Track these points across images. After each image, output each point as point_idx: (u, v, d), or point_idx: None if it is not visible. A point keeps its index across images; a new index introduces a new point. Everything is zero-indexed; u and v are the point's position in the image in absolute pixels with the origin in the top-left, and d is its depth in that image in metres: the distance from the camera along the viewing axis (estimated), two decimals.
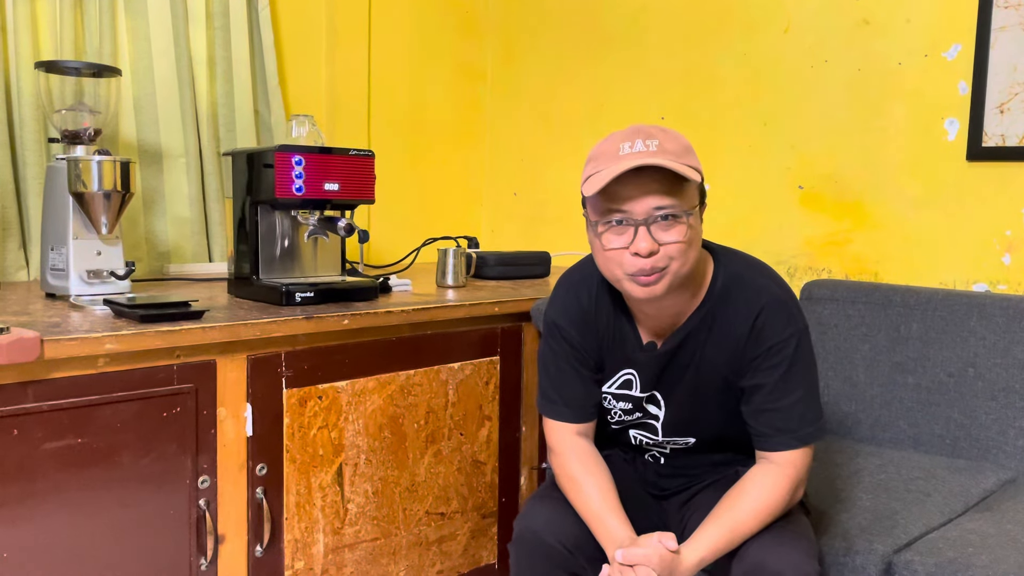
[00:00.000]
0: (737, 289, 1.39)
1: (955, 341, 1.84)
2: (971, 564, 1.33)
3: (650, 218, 1.27)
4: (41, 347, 1.29)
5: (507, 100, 2.95)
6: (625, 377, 1.47)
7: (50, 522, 1.36)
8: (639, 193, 1.27)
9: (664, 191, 1.27)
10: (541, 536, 1.40)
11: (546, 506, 1.45)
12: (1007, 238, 1.95)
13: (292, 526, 1.63)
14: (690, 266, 1.32)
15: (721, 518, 1.34)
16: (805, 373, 1.37)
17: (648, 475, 1.56)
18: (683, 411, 1.46)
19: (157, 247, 2.19)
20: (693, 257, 1.32)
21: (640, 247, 1.27)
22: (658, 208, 1.27)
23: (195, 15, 2.22)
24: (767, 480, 1.36)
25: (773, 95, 2.30)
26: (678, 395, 1.45)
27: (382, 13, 2.67)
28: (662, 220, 1.27)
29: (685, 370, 1.42)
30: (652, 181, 1.26)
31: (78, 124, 1.79)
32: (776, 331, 1.36)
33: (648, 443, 1.52)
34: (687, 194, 1.30)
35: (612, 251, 1.31)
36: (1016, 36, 1.91)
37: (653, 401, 1.47)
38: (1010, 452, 1.76)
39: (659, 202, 1.27)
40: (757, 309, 1.36)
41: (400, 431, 1.79)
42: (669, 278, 1.30)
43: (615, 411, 1.50)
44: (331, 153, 1.76)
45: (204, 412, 1.50)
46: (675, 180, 1.27)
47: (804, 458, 1.37)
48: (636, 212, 1.27)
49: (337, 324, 1.64)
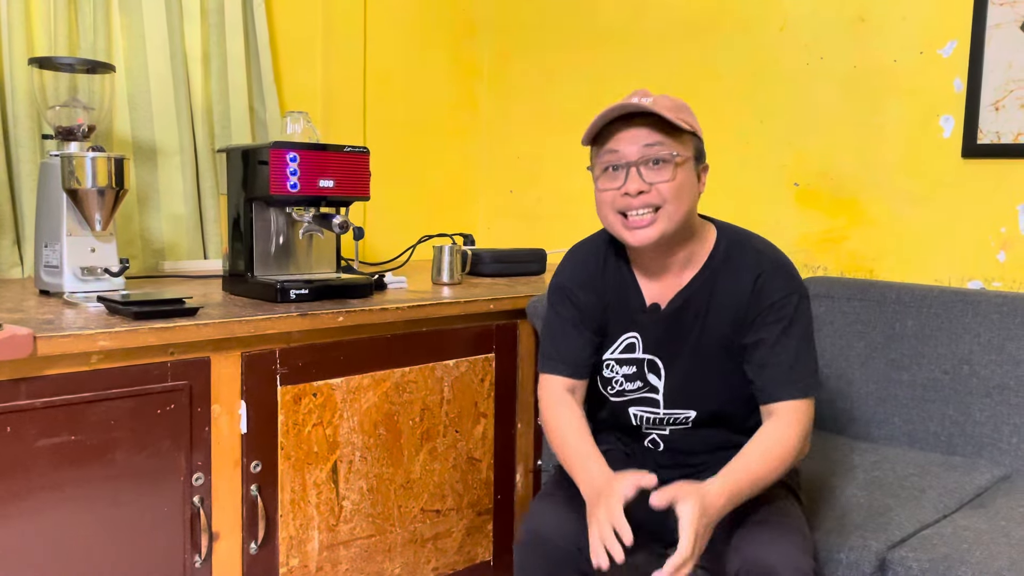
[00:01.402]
0: (739, 253, 1.45)
1: (950, 338, 1.84)
2: (965, 560, 1.34)
3: (640, 159, 1.36)
4: (34, 344, 1.28)
5: (503, 97, 2.94)
6: (628, 341, 1.50)
7: (44, 519, 1.35)
8: (630, 137, 1.36)
9: (655, 137, 1.35)
10: (549, 537, 1.39)
11: (552, 506, 1.44)
12: (1002, 235, 1.96)
13: (287, 523, 1.63)
14: (683, 214, 1.38)
15: (736, 463, 1.36)
16: (804, 330, 1.42)
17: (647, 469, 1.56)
18: (684, 379, 1.48)
19: (151, 244, 2.19)
20: (686, 204, 1.38)
21: (630, 187, 1.36)
22: (647, 145, 1.35)
23: (190, 11, 2.21)
24: (776, 431, 1.39)
25: (769, 92, 2.30)
26: (680, 361, 1.47)
27: (378, 9, 2.66)
28: (653, 164, 1.35)
29: (688, 332, 1.46)
30: (643, 127, 1.36)
31: (72, 120, 1.79)
32: (777, 290, 1.41)
33: (648, 422, 1.53)
34: (679, 144, 1.37)
35: (607, 192, 1.39)
36: (1011, 33, 1.91)
37: (654, 370, 1.49)
38: (1004, 449, 1.76)
39: (649, 140, 1.35)
40: (758, 271, 1.42)
41: (395, 428, 1.78)
42: (662, 223, 1.37)
43: (617, 379, 1.51)
44: (326, 150, 1.76)
45: (198, 409, 1.50)
46: (667, 129, 1.35)
47: (808, 409, 1.41)
48: (628, 154, 1.36)
49: (332, 321, 1.64)
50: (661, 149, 1.35)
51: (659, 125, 1.36)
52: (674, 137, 1.37)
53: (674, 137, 1.37)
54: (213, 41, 2.25)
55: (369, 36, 2.65)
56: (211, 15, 2.23)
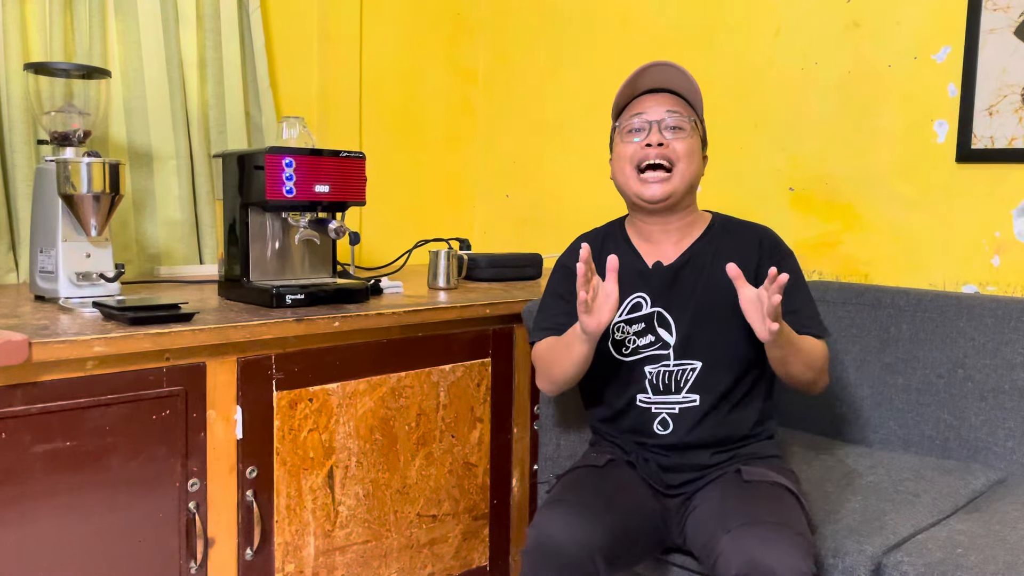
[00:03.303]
0: (735, 225, 1.66)
1: (945, 342, 1.84)
2: (960, 565, 1.34)
3: (663, 121, 1.56)
4: (29, 350, 1.28)
5: (499, 101, 2.95)
6: (635, 301, 1.61)
7: (39, 526, 1.35)
8: (656, 101, 1.58)
9: (676, 105, 1.58)
10: (560, 543, 1.38)
11: (561, 512, 1.43)
12: (996, 239, 1.96)
13: (283, 529, 1.63)
14: (691, 176, 1.57)
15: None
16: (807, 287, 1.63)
17: (651, 470, 1.58)
18: (690, 328, 1.57)
19: (147, 249, 2.19)
20: (694, 169, 1.58)
21: (652, 139, 1.55)
22: (670, 111, 1.57)
23: (185, 17, 2.21)
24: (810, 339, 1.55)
25: (763, 97, 2.31)
26: (686, 313, 1.58)
27: (373, 14, 2.67)
28: (671, 129, 1.56)
29: (693, 284, 1.59)
30: (666, 98, 1.59)
31: (67, 126, 1.79)
32: (782, 247, 1.63)
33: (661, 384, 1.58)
34: (696, 119, 1.60)
35: (628, 146, 1.58)
36: (1005, 39, 1.92)
37: (664, 324, 1.59)
38: (999, 453, 1.77)
39: (671, 107, 1.57)
40: (760, 234, 1.63)
41: (391, 433, 1.78)
42: (675, 180, 1.56)
43: (629, 338, 1.60)
44: (322, 155, 1.76)
45: (194, 415, 1.50)
46: (684, 103, 1.59)
47: (827, 350, 1.58)
48: (652, 115, 1.57)
49: (328, 326, 1.64)
50: (680, 117, 1.57)
51: (677, 99, 1.58)
52: (689, 111, 1.59)
53: (689, 111, 1.59)
54: (209, 46, 2.25)
55: (365, 41, 2.66)
56: (207, 20, 2.24)
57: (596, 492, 1.50)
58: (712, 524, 1.40)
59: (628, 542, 1.46)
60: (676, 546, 1.56)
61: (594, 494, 1.49)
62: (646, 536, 1.52)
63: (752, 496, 1.43)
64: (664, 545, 1.57)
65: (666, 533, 1.56)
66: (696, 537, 1.46)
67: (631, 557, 1.51)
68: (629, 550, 1.48)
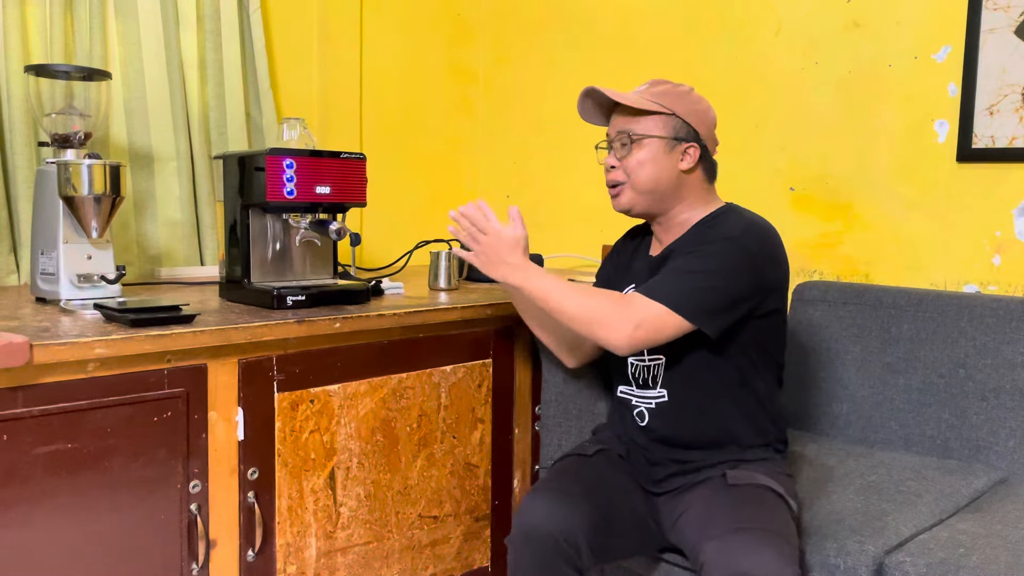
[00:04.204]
0: (725, 214, 1.59)
1: (945, 342, 1.84)
2: (962, 565, 1.34)
3: (613, 140, 1.61)
4: (30, 352, 1.28)
5: (499, 103, 2.95)
6: (629, 291, 1.63)
7: (40, 528, 1.35)
8: (613, 123, 1.63)
9: (623, 123, 1.59)
10: (540, 528, 1.43)
11: (543, 499, 1.48)
12: (997, 239, 1.96)
13: (284, 530, 1.63)
14: (644, 184, 1.57)
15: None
16: (707, 262, 1.48)
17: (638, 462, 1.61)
18: None
19: (148, 251, 2.19)
20: (650, 176, 1.57)
21: (606, 162, 1.63)
22: (619, 131, 1.59)
23: (186, 18, 2.21)
24: (611, 294, 1.51)
25: (764, 97, 2.31)
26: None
27: (374, 15, 2.67)
28: (620, 146, 1.59)
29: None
30: (620, 114, 1.61)
31: (68, 128, 1.79)
32: (722, 228, 1.53)
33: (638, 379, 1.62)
34: (649, 124, 1.57)
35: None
36: (1005, 38, 1.92)
37: None
38: (1000, 452, 1.77)
39: (620, 127, 1.60)
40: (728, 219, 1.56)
41: (392, 434, 1.78)
42: (628, 193, 1.59)
43: None
44: (322, 156, 1.76)
45: (195, 416, 1.50)
46: (636, 113, 1.58)
47: (657, 312, 1.45)
48: (609, 136, 1.63)
49: (329, 327, 1.64)
50: (626, 134, 1.58)
51: (631, 110, 1.58)
52: (644, 119, 1.57)
53: (644, 119, 1.57)
54: (209, 48, 2.25)
55: (365, 42, 2.66)
56: (207, 22, 2.24)
57: (579, 480, 1.54)
58: (697, 529, 1.42)
59: (611, 531, 1.49)
60: (671, 545, 1.57)
61: (576, 482, 1.53)
62: (632, 528, 1.54)
63: (736, 501, 1.43)
64: (658, 544, 1.58)
65: (657, 531, 1.57)
66: (684, 541, 1.48)
67: (617, 548, 1.52)
68: (613, 539, 1.50)
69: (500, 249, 1.56)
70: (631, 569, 1.64)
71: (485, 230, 1.57)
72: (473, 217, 1.59)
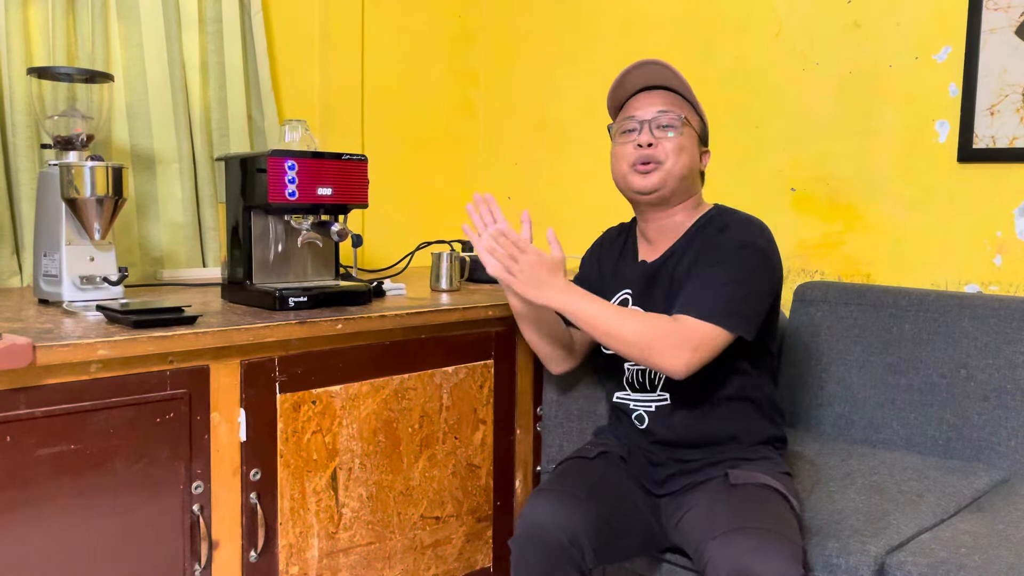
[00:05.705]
0: (719, 216, 1.61)
1: (947, 342, 1.84)
2: (964, 565, 1.34)
3: (653, 119, 1.60)
4: (33, 353, 1.29)
5: (501, 104, 2.95)
6: (622, 297, 1.67)
7: (43, 529, 1.36)
8: (648, 102, 1.62)
9: (666, 104, 1.61)
10: (545, 528, 1.43)
11: (545, 499, 1.48)
12: (998, 239, 1.96)
13: (286, 531, 1.63)
14: (680, 170, 1.59)
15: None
16: (737, 272, 1.50)
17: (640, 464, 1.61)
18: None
19: (150, 252, 2.19)
20: (685, 164, 1.59)
21: (642, 139, 1.59)
22: (661, 111, 1.60)
23: (188, 20, 2.22)
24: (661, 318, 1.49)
25: (764, 98, 2.31)
26: (656, 309, 1.58)
27: (375, 17, 2.67)
28: (661, 128, 1.59)
29: (667, 284, 1.60)
30: (657, 96, 1.62)
31: (70, 130, 1.79)
32: (727, 239, 1.54)
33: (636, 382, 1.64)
34: (692, 115, 1.62)
35: (624, 146, 1.62)
36: (1006, 38, 1.92)
37: None
38: (1002, 452, 1.77)
39: (662, 107, 1.60)
40: (727, 224, 1.58)
41: (394, 435, 1.79)
42: (662, 174, 1.58)
43: None
44: (324, 158, 1.76)
45: (197, 417, 1.50)
46: (676, 100, 1.61)
47: (708, 332, 1.46)
48: (644, 114, 1.61)
49: (331, 328, 1.64)
50: (671, 115, 1.59)
51: (669, 95, 1.61)
52: (681, 108, 1.60)
53: (681, 108, 1.60)
54: (211, 50, 2.25)
55: (367, 44, 2.66)
56: (209, 24, 2.24)
57: (582, 481, 1.54)
58: (700, 529, 1.42)
59: (613, 532, 1.49)
60: (674, 546, 1.57)
61: (579, 483, 1.54)
62: (634, 529, 1.54)
63: (739, 500, 1.43)
64: (660, 544, 1.58)
65: (660, 532, 1.57)
66: (687, 542, 1.48)
67: (620, 549, 1.53)
68: (616, 540, 1.50)
69: (540, 271, 1.55)
70: (634, 570, 1.65)
71: (525, 250, 1.56)
72: (511, 238, 1.59)
